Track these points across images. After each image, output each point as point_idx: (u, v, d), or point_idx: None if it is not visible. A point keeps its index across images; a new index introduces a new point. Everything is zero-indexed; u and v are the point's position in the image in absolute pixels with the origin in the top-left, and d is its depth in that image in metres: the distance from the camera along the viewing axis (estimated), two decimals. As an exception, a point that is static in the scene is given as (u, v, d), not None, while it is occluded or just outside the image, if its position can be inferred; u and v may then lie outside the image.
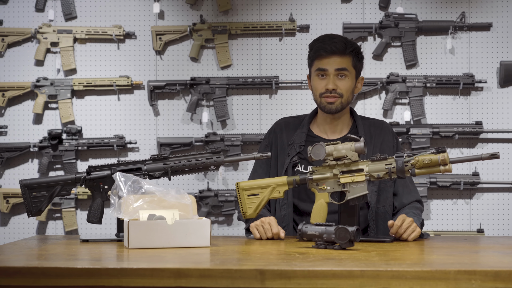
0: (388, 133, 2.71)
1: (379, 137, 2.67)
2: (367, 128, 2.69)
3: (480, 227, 4.36)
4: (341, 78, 2.63)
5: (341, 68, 2.61)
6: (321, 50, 2.62)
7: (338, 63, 2.61)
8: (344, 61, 2.62)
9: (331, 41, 2.62)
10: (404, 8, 4.45)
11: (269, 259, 1.96)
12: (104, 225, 2.85)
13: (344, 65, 2.62)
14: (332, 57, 2.61)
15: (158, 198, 2.29)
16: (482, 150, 4.39)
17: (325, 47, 2.61)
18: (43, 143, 4.48)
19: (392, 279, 1.72)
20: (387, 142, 2.67)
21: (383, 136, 2.68)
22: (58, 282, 1.80)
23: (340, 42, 2.62)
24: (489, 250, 2.25)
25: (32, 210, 2.53)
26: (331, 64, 2.61)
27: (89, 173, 2.54)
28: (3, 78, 4.56)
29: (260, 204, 2.50)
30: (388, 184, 2.62)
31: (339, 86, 2.62)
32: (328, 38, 2.65)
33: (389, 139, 2.69)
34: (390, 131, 2.73)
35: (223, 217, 4.51)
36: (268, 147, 2.73)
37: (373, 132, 2.68)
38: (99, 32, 4.53)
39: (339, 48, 2.61)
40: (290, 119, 2.81)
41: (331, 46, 2.61)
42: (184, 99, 4.54)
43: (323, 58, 2.62)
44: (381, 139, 2.67)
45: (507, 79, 4.38)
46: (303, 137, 2.68)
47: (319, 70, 2.63)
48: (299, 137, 2.68)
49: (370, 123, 2.72)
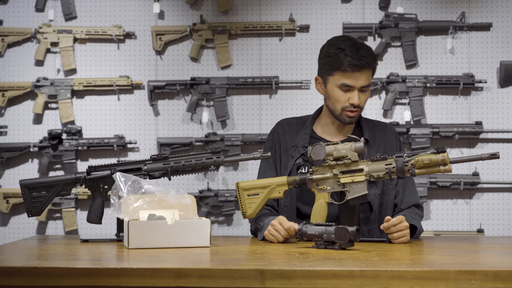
0: (392, 135, 2.69)
1: (383, 139, 2.65)
2: (371, 130, 2.66)
3: (480, 227, 4.36)
4: (363, 92, 2.56)
5: (366, 85, 2.54)
6: (348, 65, 2.49)
7: (364, 80, 2.52)
8: (368, 76, 2.54)
9: (358, 55, 2.49)
10: (404, 8, 4.45)
11: (269, 259, 1.96)
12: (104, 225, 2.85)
13: (368, 80, 2.54)
14: (359, 74, 2.51)
15: (158, 198, 2.29)
16: (482, 150, 4.39)
17: (354, 63, 2.48)
18: (43, 143, 4.48)
19: (392, 279, 1.72)
20: (390, 144, 2.65)
21: (387, 138, 2.66)
22: (58, 282, 1.80)
23: (367, 55, 2.50)
24: (489, 250, 2.25)
25: (32, 210, 2.53)
26: (358, 81, 2.51)
27: (89, 173, 2.54)
28: (3, 78, 4.56)
29: (260, 204, 2.50)
30: (391, 187, 2.60)
31: (361, 100, 2.55)
32: (354, 50, 2.50)
33: (392, 141, 2.67)
34: (394, 133, 2.70)
35: (223, 217, 4.51)
36: (272, 149, 2.69)
37: (377, 134, 2.66)
38: (99, 32, 4.54)
39: (368, 63, 2.50)
40: (292, 120, 2.76)
41: (361, 61, 2.48)
42: (184, 99, 4.54)
43: (349, 73, 2.51)
44: (385, 141, 2.65)
45: (507, 79, 4.38)
46: (306, 138, 2.64)
47: (343, 86, 2.53)
48: (303, 138, 2.64)
49: (374, 125, 2.69)
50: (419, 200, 2.65)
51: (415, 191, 2.65)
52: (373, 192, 2.55)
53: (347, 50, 2.51)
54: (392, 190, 2.60)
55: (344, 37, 2.59)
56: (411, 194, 2.63)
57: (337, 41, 2.57)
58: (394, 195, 2.61)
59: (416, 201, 2.62)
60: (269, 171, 2.68)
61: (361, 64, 2.49)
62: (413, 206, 2.61)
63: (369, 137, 2.62)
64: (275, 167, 2.68)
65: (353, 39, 2.57)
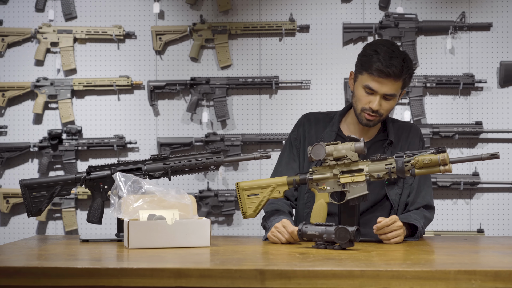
0: (415, 136, 2.66)
1: (406, 140, 2.64)
2: (396, 131, 2.64)
3: (480, 227, 4.36)
4: (387, 100, 2.53)
5: (391, 94, 2.51)
6: (375, 68, 2.47)
7: (389, 89, 2.50)
8: (395, 86, 2.50)
9: (388, 62, 2.45)
10: (404, 8, 4.45)
11: (269, 259, 1.96)
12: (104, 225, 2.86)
13: (394, 90, 2.51)
14: (384, 81, 2.48)
15: (158, 198, 2.29)
16: (482, 150, 4.39)
17: (381, 69, 2.46)
18: (43, 143, 4.48)
19: (392, 279, 1.72)
20: (413, 145, 2.63)
21: (411, 139, 2.64)
22: (58, 282, 1.80)
23: (398, 65, 2.46)
24: (489, 250, 2.25)
25: (32, 210, 2.53)
26: (382, 87, 2.49)
27: (89, 173, 2.54)
28: (3, 78, 4.56)
29: (260, 204, 2.50)
30: (406, 186, 2.57)
31: (383, 107, 2.52)
32: (387, 57, 2.47)
33: (415, 142, 2.65)
34: (418, 134, 2.68)
35: (223, 217, 4.51)
36: (297, 140, 2.67)
37: (401, 135, 2.64)
38: (99, 32, 4.53)
39: (396, 73, 2.47)
40: (320, 115, 2.72)
41: (388, 69, 2.46)
42: (184, 99, 4.54)
43: (374, 76, 2.49)
44: (408, 142, 2.63)
45: (507, 79, 4.38)
46: (332, 136, 2.62)
47: (367, 88, 2.51)
48: (329, 135, 2.62)
49: (399, 126, 2.67)
50: (431, 202, 2.62)
51: (428, 192, 2.62)
52: (394, 192, 2.55)
53: (381, 54, 2.48)
54: (406, 190, 2.59)
55: (386, 42, 2.55)
56: (423, 195, 2.60)
57: (377, 43, 2.55)
58: (407, 194, 2.59)
59: (427, 202, 2.59)
60: (292, 162, 2.66)
61: (387, 72, 2.46)
62: (422, 207, 2.58)
63: (394, 138, 2.61)
64: (298, 158, 2.66)
65: (394, 46, 2.52)
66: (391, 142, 2.60)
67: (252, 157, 2.54)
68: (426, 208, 2.60)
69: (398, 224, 2.36)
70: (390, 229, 2.35)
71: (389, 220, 2.34)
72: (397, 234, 2.35)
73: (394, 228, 2.35)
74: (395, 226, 2.35)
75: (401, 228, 2.37)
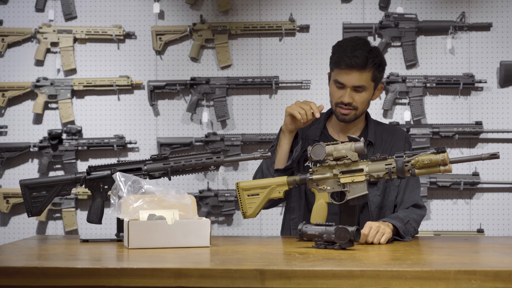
0: (400, 139, 2.66)
1: (390, 142, 2.64)
2: (380, 133, 2.65)
3: (480, 227, 4.36)
4: (358, 92, 2.55)
5: (359, 86, 2.53)
6: (341, 62, 2.52)
7: (356, 80, 2.52)
8: (362, 77, 2.53)
9: (352, 54, 2.50)
10: (404, 8, 4.45)
11: (269, 259, 1.96)
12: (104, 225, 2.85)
13: (362, 81, 2.53)
14: (350, 73, 2.52)
15: (158, 198, 2.29)
16: (482, 150, 4.40)
17: (345, 60, 2.50)
18: (43, 143, 4.49)
19: (392, 279, 1.72)
20: (397, 147, 2.63)
21: (394, 142, 2.64)
22: (58, 282, 1.80)
23: (361, 56, 2.49)
24: (489, 250, 2.25)
25: (32, 210, 2.52)
26: (349, 80, 2.52)
27: (89, 173, 2.54)
28: (3, 78, 4.56)
29: (260, 204, 2.50)
30: (392, 188, 2.59)
31: (355, 99, 2.55)
32: (350, 49, 2.51)
33: (400, 144, 2.64)
34: (404, 137, 2.68)
35: (223, 217, 4.51)
36: None
37: (385, 138, 2.64)
38: (99, 32, 4.54)
39: (359, 64, 2.50)
40: None
41: (351, 60, 2.50)
42: (184, 99, 4.54)
43: (341, 70, 2.53)
44: (391, 145, 2.63)
45: (507, 79, 4.38)
46: (317, 132, 2.65)
47: (337, 82, 2.55)
48: (314, 132, 2.66)
49: (383, 129, 2.68)
50: (420, 200, 2.61)
51: (415, 191, 2.62)
52: (373, 193, 2.55)
53: (345, 48, 2.54)
54: (393, 191, 2.59)
55: (353, 37, 2.61)
56: (411, 195, 2.60)
57: (343, 40, 2.61)
58: (395, 195, 2.60)
59: (415, 201, 2.59)
60: None
61: (350, 63, 2.50)
62: (411, 206, 2.57)
63: (374, 139, 2.61)
64: None
65: (360, 40, 2.56)
66: (370, 143, 2.60)
67: (252, 157, 2.54)
68: (415, 207, 2.58)
69: (374, 226, 2.31)
70: (370, 236, 2.30)
71: (366, 230, 2.30)
72: (380, 234, 2.31)
73: (373, 233, 2.30)
74: (374, 230, 2.30)
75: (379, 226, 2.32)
